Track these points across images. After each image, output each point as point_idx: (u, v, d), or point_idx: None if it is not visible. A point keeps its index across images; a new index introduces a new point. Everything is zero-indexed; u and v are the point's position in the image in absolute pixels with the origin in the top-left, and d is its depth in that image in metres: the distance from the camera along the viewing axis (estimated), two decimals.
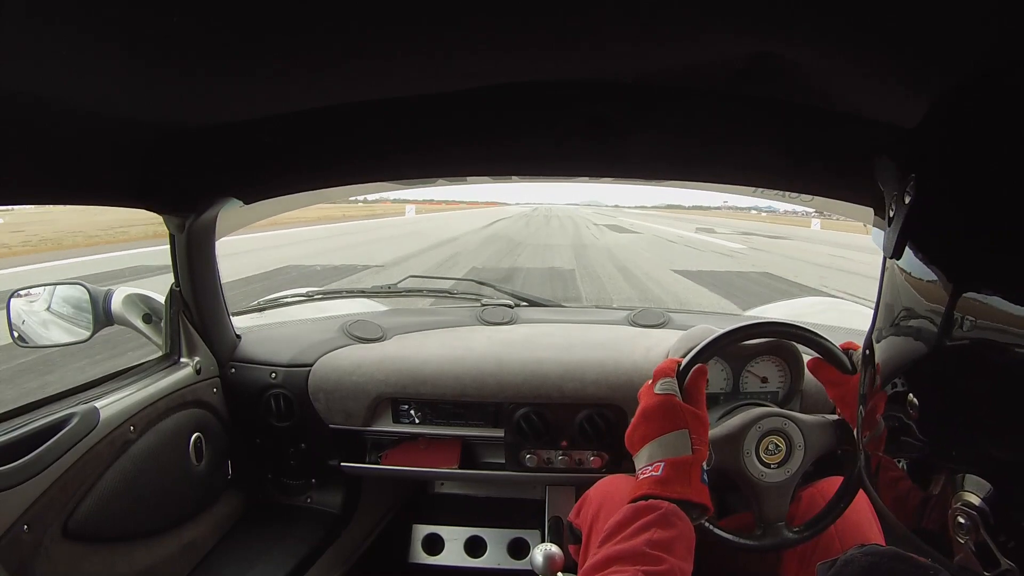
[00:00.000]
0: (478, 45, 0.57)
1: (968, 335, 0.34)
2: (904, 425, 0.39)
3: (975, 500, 0.33)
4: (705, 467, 0.73)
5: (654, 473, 0.70)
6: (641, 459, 0.74)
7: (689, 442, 0.71)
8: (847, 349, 0.85)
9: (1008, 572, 0.32)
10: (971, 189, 0.36)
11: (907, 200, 0.39)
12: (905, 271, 0.40)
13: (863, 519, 0.90)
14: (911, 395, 0.38)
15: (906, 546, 0.43)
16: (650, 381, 0.78)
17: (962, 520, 0.34)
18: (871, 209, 0.84)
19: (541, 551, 0.90)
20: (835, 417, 0.88)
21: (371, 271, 8.69)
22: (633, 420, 0.76)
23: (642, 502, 0.68)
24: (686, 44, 0.57)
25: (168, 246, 1.06)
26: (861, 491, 0.88)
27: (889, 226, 0.42)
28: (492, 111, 0.77)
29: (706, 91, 0.70)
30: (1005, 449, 0.33)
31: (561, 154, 0.85)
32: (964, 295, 0.34)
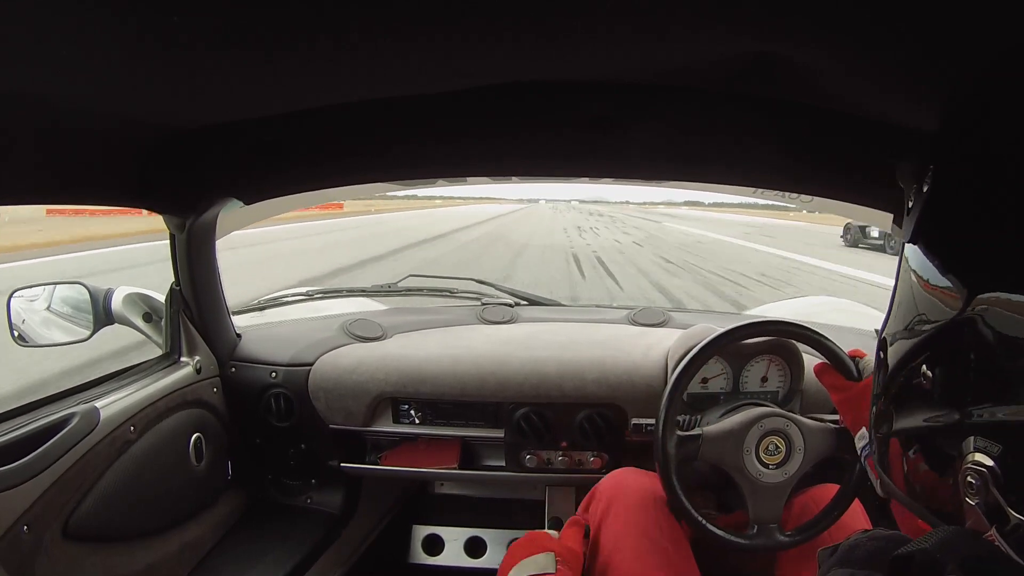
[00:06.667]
0: (478, 45, 0.57)
1: (979, 314, 0.34)
2: (916, 400, 0.40)
3: (986, 460, 0.34)
4: None
5: None
6: None
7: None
8: (854, 356, 0.84)
9: (1019, 527, 0.32)
10: (990, 180, 0.36)
11: (925, 189, 0.41)
12: (922, 261, 0.40)
13: (856, 521, 0.90)
14: (924, 367, 0.39)
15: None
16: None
17: (972, 480, 0.34)
18: (871, 209, 0.84)
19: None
20: (837, 423, 0.88)
21: None
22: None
23: None
24: (687, 44, 0.57)
25: (168, 245, 1.06)
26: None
27: (907, 216, 0.43)
28: (492, 111, 0.77)
29: (707, 91, 0.70)
30: (1015, 411, 0.33)
31: (562, 154, 0.85)
32: (979, 279, 0.35)
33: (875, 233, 13.02)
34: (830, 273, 9.04)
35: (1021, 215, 0.33)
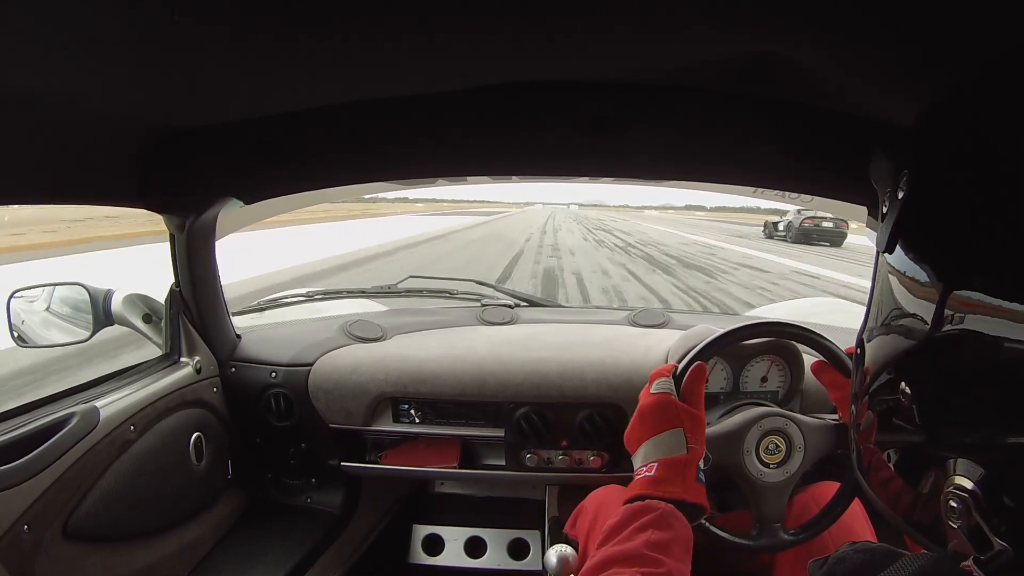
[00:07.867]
0: (478, 45, 0.57)
1: (959, 326, 0.34)
2: (896, 416, 0.40)
3: (967, 484, 0.33)
4: (702, 467, 0.73)
5: (648, 473, 0.70)
6: (637, 459, 0.73)
7: (684, 441, 0.71)
8: (851, 353, 0.85)
9: (1001, 553, 0.32)
10: (964, 186, 0.36)
11: (900, 196, 0.40)
12: (897, 268, 0.40)
13: (856, 521, 0.90)
14: (903, 384, 0.38)
15: (899, 542, 0.43)
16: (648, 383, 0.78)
17: (954, 504, 0.34)
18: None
19: (556, 552, 0.88)
20: (836, 420, 0.88)
21: None
22: (631, 421, 0.76)
23: (638, 503, 0.67)
24: (687, 44, 0.57)
25: (168, 245, 1.06)
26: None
27: (882, 222, 0.43)
28: (492, 111, 0.77)
29: (706, 91, 0.70)
30: (995, 434, 0.33)
31: (562, 154, 0.85)
32: (955, 288, 0.34)
33: (781, 227, 19.41)
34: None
35: (995, 222, 0.33)
